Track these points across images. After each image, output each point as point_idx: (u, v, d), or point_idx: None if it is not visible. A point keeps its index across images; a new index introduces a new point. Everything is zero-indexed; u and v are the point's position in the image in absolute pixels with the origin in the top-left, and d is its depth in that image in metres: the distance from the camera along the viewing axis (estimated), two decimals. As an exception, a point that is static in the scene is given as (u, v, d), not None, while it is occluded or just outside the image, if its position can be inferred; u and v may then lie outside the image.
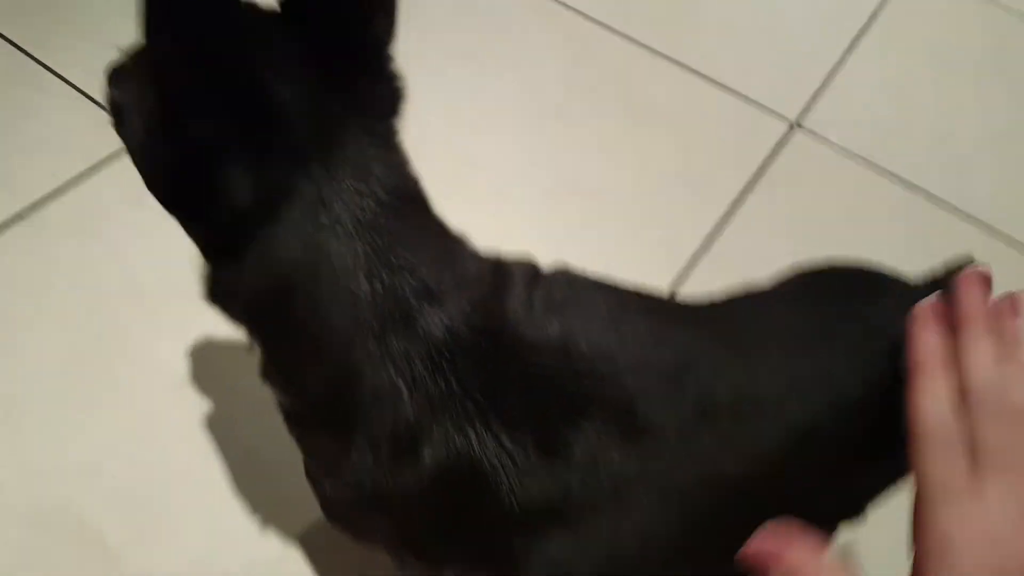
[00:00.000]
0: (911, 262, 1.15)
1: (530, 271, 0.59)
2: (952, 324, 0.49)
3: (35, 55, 1.22)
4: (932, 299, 0.51)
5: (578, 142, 1.25)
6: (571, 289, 0.58)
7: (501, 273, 0.57)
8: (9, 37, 1.24)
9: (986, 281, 0.51)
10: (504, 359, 0.52)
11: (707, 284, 1.07)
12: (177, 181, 0.52)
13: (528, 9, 1.45)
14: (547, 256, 1.08)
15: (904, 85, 1.45)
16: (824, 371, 0.54)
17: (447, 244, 0.56)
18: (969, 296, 0.49)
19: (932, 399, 0.46)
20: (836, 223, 1.21)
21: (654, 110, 1.32)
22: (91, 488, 0.82)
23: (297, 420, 0.59)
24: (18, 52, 1.22)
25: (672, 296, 0.76)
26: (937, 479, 0.45)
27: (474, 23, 1.39)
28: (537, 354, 0.52)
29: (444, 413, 0.50)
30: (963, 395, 0.46)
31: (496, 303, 0.54)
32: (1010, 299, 0.50)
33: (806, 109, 1.36)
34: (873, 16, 1.57)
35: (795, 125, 1.33)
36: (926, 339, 0.48)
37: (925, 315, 0.49)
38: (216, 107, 0.47)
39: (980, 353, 0.47)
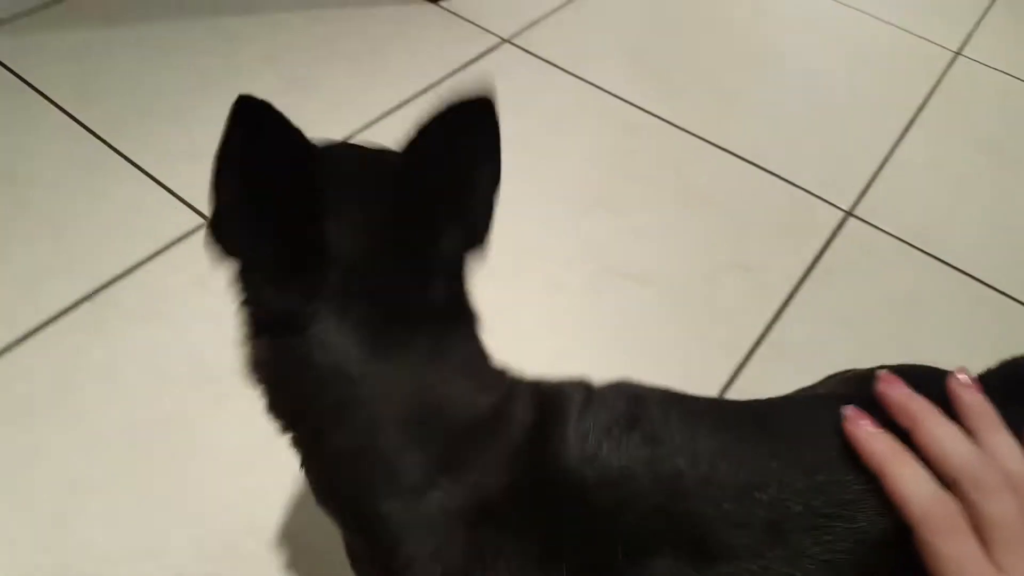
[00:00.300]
0: (969, 350, 1.15)
1: (582, 396, 0.57)
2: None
3: (106, 138, 1.27)
4: (853, 408, 0.50)
5: (631, 230, 1.26)
6: (628, 409, 0.56)
7: (552, 405, 0.55)
8: (82, 120, 1.29)
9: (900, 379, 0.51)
10: (562, 503, 0.50)
11: (766, 372, 1.07)
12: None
13: (581, 100, 1.49)
14: (600, 343, 1.09)
15: (956, 173, 1.45)
16: None
17: (489, 383, 0.55)
18: (906, 393, 0.49)
19: (914, 483, 0.45)
20: (893, 312, 1.20)
21: (707, 198, 1.33)
22: (152, 573, 0.81)
23: (347, 548, 0.59)
24: (90, 135, 1.27)
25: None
26: (954, 559, 0.43)
27: (529, 112, 1.42)
28: (596, 493, 0.51)
29: (500, 562, 0.49)
30: (948, 481, 0.45)
31: (548, 442, 0.52)
32: (961, 376, 0.51)
33: (859, 198, 1.37)
34: (922, 105, 1.59)
35: (849, 214, 1.33)
36: (873, 435, 0.48)
37: (856, 417, 0.49)
38: (257, 233, 0.50)
39: (951, 437, 0.46)
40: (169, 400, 0.94)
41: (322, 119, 1.38)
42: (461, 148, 0.53)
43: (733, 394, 1.05)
